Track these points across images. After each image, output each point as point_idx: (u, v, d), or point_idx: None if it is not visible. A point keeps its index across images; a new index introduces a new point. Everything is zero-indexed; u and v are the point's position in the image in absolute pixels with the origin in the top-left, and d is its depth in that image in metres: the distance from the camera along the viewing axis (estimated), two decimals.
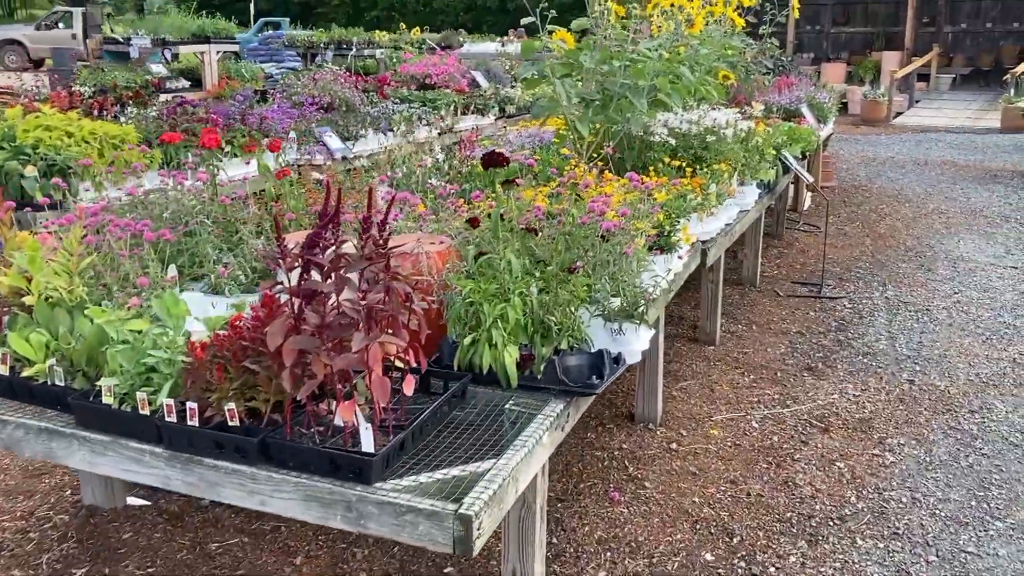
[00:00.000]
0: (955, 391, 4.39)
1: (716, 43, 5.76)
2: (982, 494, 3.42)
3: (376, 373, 2.01)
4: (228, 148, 5.83)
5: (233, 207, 3.29)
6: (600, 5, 4.75)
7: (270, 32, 19.80)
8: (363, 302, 2.02)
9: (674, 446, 3.78)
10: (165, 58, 12.47)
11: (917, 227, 8.07)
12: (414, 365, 2.24)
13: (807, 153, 6.90)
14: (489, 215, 2.79)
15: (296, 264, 2.06)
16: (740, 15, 5.89)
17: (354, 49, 14.30)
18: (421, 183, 4.00)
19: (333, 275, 2.08)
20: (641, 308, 2.75)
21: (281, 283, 2.11)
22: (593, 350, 2.67)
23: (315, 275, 2.10)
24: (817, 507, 3.33)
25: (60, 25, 24.58)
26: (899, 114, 17.28)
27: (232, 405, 2.15)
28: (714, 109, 5.65)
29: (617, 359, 2.68)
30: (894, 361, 4.79)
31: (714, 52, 5.60)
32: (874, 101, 16.89)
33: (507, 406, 2.45)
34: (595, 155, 4.49)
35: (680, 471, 3.58)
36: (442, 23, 30.39)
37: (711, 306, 5.01)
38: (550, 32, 4.42)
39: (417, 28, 17.30)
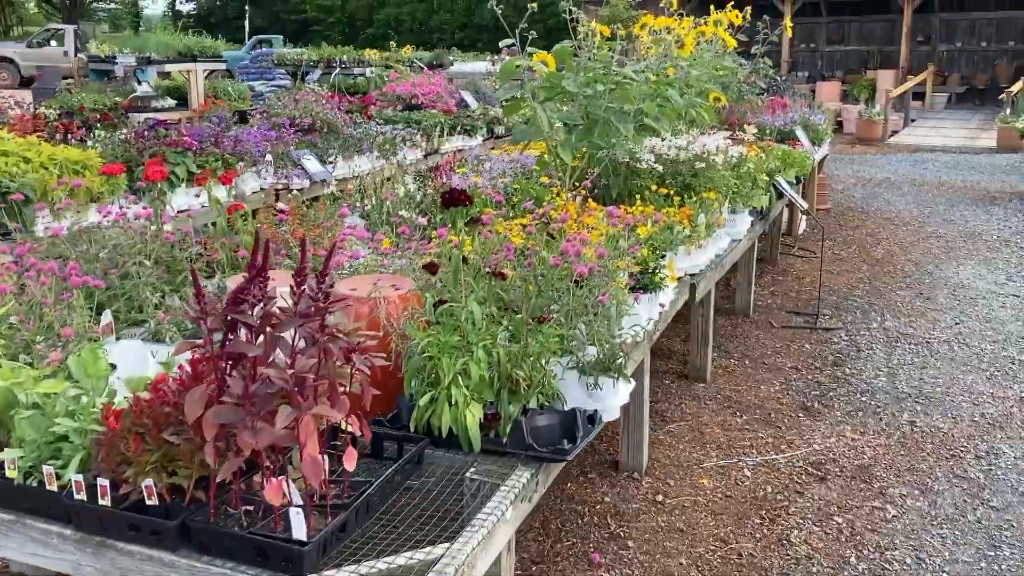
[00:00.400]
0: (959, 434, 4.13)
1: (707, 64, 5.54)
2: (992, 554, 3.16)
3: (308, 451, 1.76)
4: (199, 173, 5.59)
5: (182, 244, 3.04)
6: (584, 27, 4.53)
7: (262, 50, 19.62)
8: (291, 369, 1.77)
9: (660, 498, 3.52)
10: (136, 78, 12.23)
11: (915, 252, 7.84)
12: (358, 434, 1.99)
13: (801, 178, 6.68)
14: (450, 258, 2.54)
15: (219, 324, 1.81)
16: (732, 35, 5.67)
17: (338, 68, 14.06)
18: (391, 215, 3.76)
19: (263, 335, 1.83)
20: (619, 361, 2.50)
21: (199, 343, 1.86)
22: (566, 408, 2.43)
23: (243, 334, 1.86)
24: (814, 569, 3.07)
25: (52, 43, 24.43)
26: (895, 133, 17.11)
27: (150, 481, 1.89)
28: (704, 133, 5.43)
29: (592, 418, 2.42)
30: (894, 400, 4.53)
31: (705, 73, 5.38)
32: (870, 120, 16.72)
33: (468, 474, 2.19)
34: (578, 183, 4.26)
35: (666, 527, 3.31)
36: (438, 41, 30.27)
37: (701, 340, 4.76)
38: (530, 54, 4.19)
39: (408, 46, 17.11)
